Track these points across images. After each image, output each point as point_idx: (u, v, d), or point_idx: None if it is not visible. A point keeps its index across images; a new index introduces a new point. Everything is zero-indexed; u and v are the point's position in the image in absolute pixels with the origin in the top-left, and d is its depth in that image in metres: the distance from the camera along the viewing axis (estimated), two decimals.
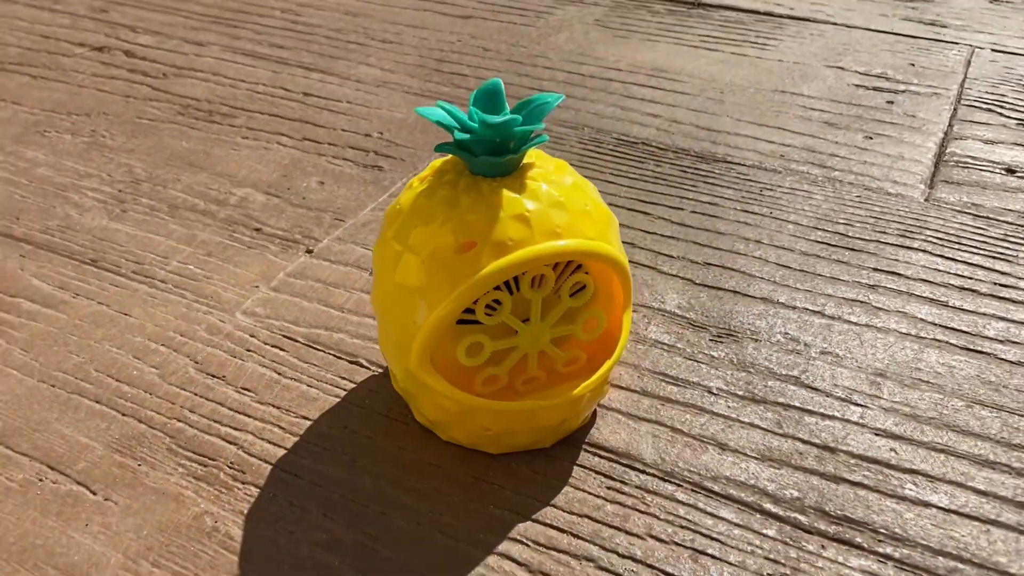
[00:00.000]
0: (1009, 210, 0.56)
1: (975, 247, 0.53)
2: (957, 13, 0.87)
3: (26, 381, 0.45)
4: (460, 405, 0.37)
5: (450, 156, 0.38)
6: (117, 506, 0.38)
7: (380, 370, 0.45)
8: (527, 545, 0.36)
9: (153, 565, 0.36)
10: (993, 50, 0.79)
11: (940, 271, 0.51)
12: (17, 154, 0.64)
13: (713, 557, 0.36)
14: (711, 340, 0.46)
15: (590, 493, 0.38)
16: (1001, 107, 0.69)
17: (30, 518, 0.38)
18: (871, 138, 0.65)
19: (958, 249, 0.53)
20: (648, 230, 0.55)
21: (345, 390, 0.44)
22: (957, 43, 0.80)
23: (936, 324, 0.47)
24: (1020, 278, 0.50)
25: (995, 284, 0.50)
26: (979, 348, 0.46)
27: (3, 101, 0.72)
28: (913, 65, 0.76)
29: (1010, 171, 0.61)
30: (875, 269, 0.51)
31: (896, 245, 0.53)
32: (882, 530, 0.37)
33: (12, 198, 0.59)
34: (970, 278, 0.50)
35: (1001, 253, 0.52)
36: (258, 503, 0.38)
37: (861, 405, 0.42)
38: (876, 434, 0.41)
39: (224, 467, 0.40)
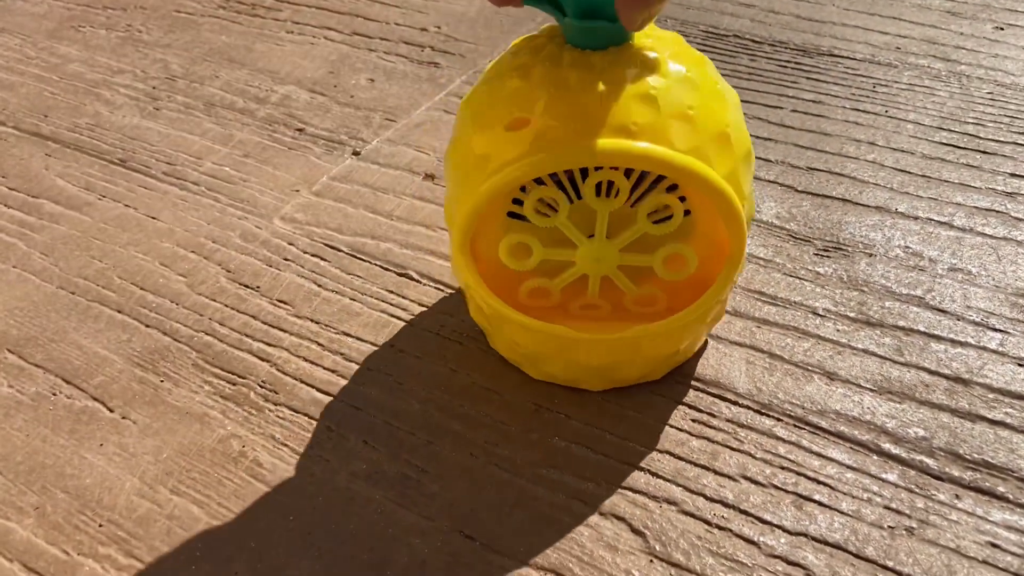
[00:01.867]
0: None
1: None
2: None
3: (44, 287, 0.40)
4: (492, 309, 0.32)
5: (543, 29, 0.31)
6: (135, 425, 0.34)
7: (431, 284, 0.40)
8: (596, 483, 0.31)
9: (172, 492, 0.31)
10: None
11: None
12: (50, 49, 0.60)
13: (821, 504, 0.30)
14: (816, 254, 0.40)
15: (672, 426, 0.33)
16: None
17: (40, 435, 0.34)
18: (1002, 29, 0.55)
19: None
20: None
21: (392, 304, 0.39)
22: None
23: None
24: None
25: None
26: None
27: None
28: None
29: None
30: (1012, 174, 0.43)
31: None
32: None
33: (42, 95, 0.55)
34: None
35: None
36: (291, 427, 0.33)
37: (1001, 330, 0.35)
38: (1020, 364, 0.34)
39: (255, 386, 0.35)
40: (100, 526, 0.30)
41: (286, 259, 0.41)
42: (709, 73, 0.30)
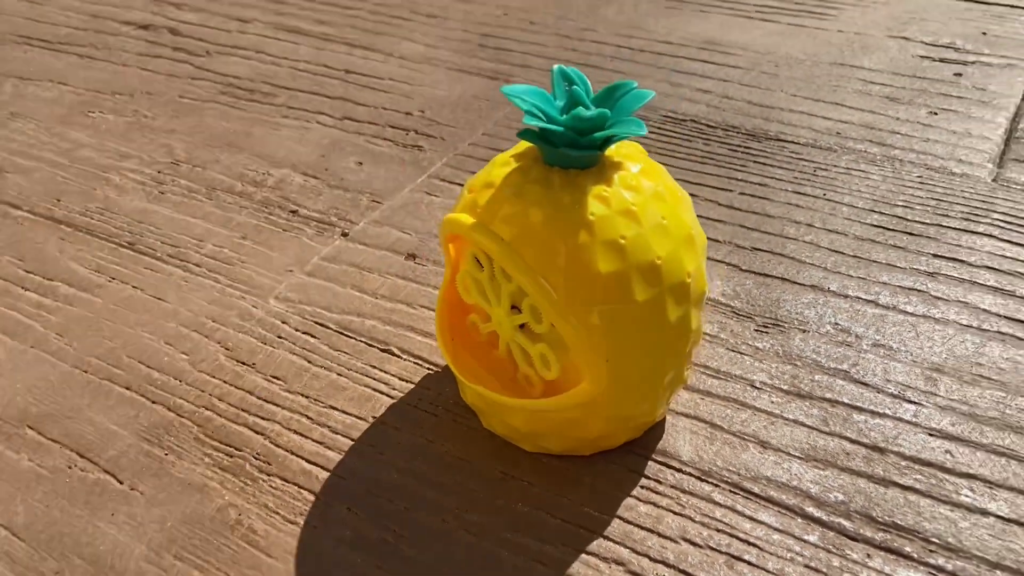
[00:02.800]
0: None
1: None
2: None
3: (60, 367, 0.45)
4: (457, 375, 0.38)
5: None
6: (143, 496, 0.38)
7: (411, 360, 0.44)
8: (555, 546, 0.35)
9: (175, 558, 0.35)
10: None
11: (1008, 257, 0.48)
12: (62, 135, 0.65)
13: (749, 564, 0.34)
14: (756, 330, 0.44)
15: (623, 492, 0.37)
16: None
17: (59, 506, 0.38)
18: (935, 113, 0.61)
19: None
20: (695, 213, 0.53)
21: (374, 379, 0.43)
22: None
23: (1001, 315, 0.44)
24: None
25: None
26: None
27: (51, 81, 0.73)
28: (985, 34, 0.71)
29: None
30: (935, 255, 0.48)
31: (959, 229, 0.50)
32: (934, 539, 0.34)
33: (55, 179, 0.60)
34: None
35: None
36: (283, 496, 0.38)
37: (915, 402, 0.40)
38: (930, 434, 0.38)
39: (250, 458, 0.39)
40: None
41: (280, 337, 0.46)
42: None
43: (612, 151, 0.35)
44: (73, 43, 0.79)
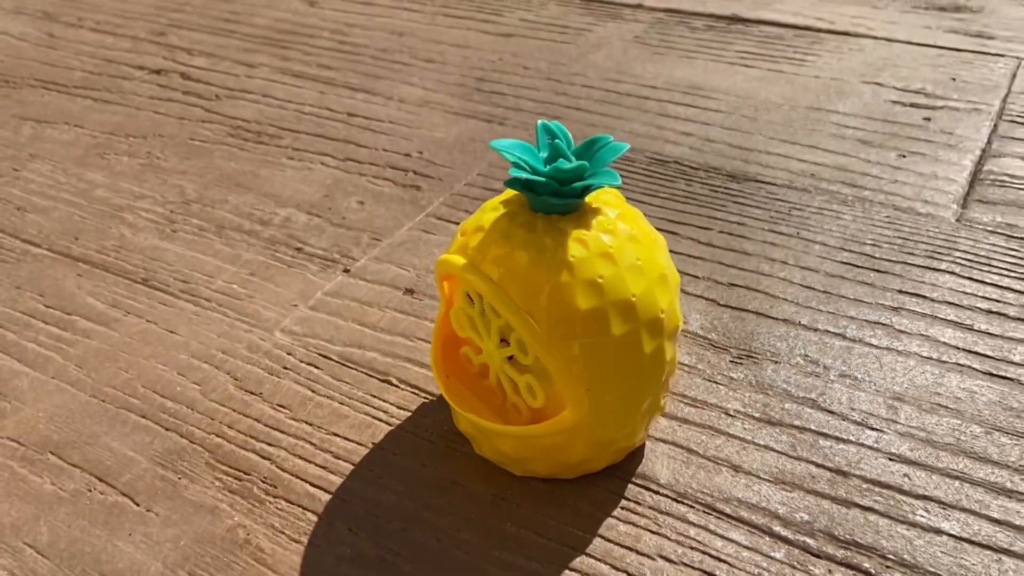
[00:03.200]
0: None
1: (1006, 269, 0.53)
2: (1005, 23, 0.85)
3: (79, 396, 0.48)
4: (451, 403, 0.41)
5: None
6: (158, 517, 0.41)
7: (408, 389, 0.47)
8: (540, 563, 0.38)
9: (189, 574, 0.38)
10: None
11: (967, 293, 0.51)
12: (78, 176, 0.68)
13: None
14: (731, 361, 0.47)
15: (604, 512, 0.40)
16: None
17: (79, 527, 0.41)
18: (904, 156, 0.64)
19: (987, 271, 0.53)
20: (676, 250, 0.56)
21: (374, 407, 0.46)
22: (1003, 55, 0.79)
23: (959, 348, 0.47)
24: None
25: None
26: (1003, 373, 0.46)
27: (67, 124, 0.76)
28: (954, 80, 0.75)
29: None
30: (900, 291, 0.51)
31: (923, 267, 0.53)
32: (890, 556, 0.37)
33: (72, 219, 0.63)
34: (998, 301, 0.50)
35: None
36: (287, 517, 0.40)
37: (877, 429, 0.43)
38: (890, 459, 0.41)
39: (258, 481, 0.42)
40: None
41: (285, 368, 0.49)
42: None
43: (592, 197, 0.38)
44: (88, 87, 0.83)
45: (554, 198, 0.36)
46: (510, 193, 0.39)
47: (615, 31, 0.89)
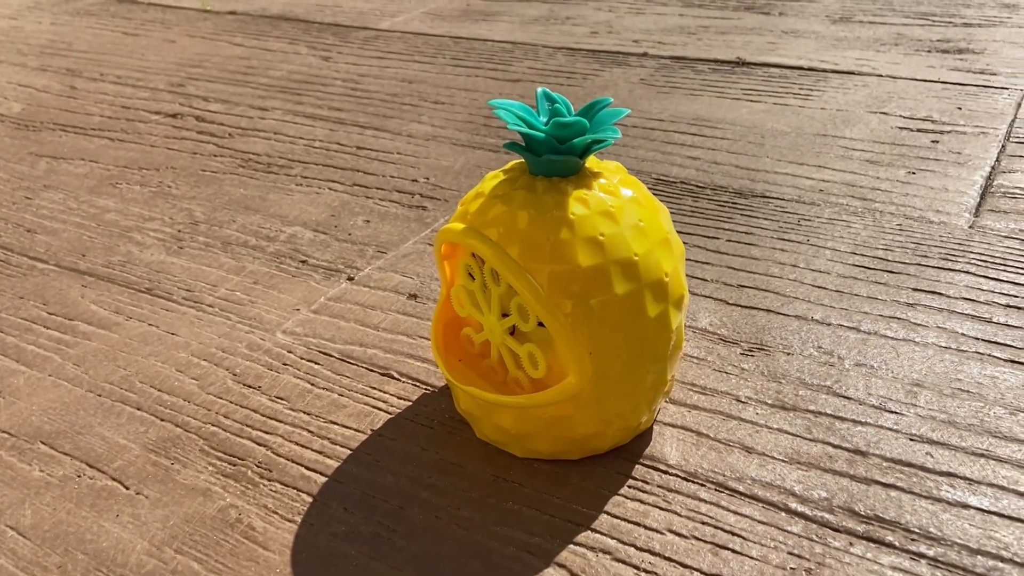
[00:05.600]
0: None
1: (1023, 269, 0.51)
2: (1008, 62, 0.86)
3: (75, 391, 0.47)
4: (449, 379, 0.40)
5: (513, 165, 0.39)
6: (147, 499, 0.39)
7: (410, 382, 0.46)
8: (543, 538, 0.36)
9: (176, 552, 0.36)
10: None
11: (984, 290, 0.50)
12: (90, 202, 0.69)
13: (734, 551, 0.35)
14: (742, 353, 0.46)
15: (610, 491, 0.38)
16: None
17: (65, 509, 0.39)
18: (914, 173, 0.64)
19: (1004, 270, 0.51)
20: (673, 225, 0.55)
21: (374, 398, 0.45)
22: (1007, 88, 0.79)
23: (979, 339, 0.46)
24: None
25: None
26: None
27: (82, 160, 0.78)
28: (960, 108, 0.75)
29: None
30: (915, 289, 0.50)
31: (937, 268, 0.52)
32: (916, 529, 0.35)
33: (81, 238, 0.63)
34: (1017, 296, 0.49)
35: None
36: (281, 498, 0.39)
37: (896, 412, 0.41)
38: (911, 439, 0.39)
39: (252, 466, 0.41)
40: None
41: (285, 364, 0.48)
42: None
43: (593, 164, 0.38)
44: (105, 129, 0.85)
45: (554, 155, 0.36)
46: (511, 164, 0.39)
47: (621, 75, 0.91)
